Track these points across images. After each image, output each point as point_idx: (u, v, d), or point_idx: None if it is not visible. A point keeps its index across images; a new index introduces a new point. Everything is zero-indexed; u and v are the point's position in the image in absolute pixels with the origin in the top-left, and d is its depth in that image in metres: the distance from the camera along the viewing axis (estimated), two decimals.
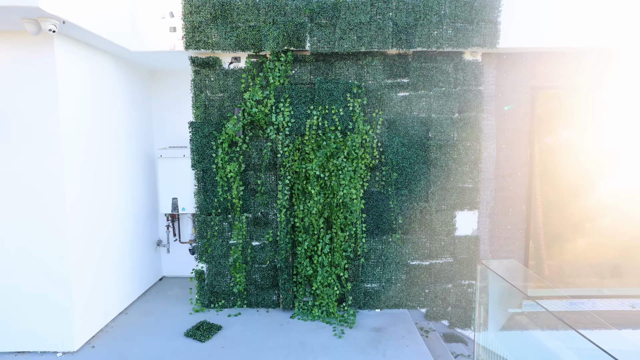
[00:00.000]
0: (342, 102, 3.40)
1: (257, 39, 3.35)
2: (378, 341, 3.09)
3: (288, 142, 3.39)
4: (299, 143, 3.42)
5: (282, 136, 3.41)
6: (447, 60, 3.50)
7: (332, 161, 3.30)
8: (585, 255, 3.82)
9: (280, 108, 3.41)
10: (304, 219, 3.42)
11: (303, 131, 3.42)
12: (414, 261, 3.63)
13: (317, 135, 3.41)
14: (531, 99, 3.65)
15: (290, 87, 3.42)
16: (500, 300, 3.26)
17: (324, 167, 3.32)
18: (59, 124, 2.82)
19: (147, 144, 4.22)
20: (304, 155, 3.41)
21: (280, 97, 3.41)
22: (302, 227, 3.44)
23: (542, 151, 3.74)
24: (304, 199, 3.40)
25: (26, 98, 2.79)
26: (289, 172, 3.40)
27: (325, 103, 3.40)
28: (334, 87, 3.39)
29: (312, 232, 3.42)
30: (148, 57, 3.67)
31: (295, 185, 3.43)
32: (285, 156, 3.40)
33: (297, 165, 3.37)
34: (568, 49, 3.51)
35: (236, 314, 3.56)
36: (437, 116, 3.53)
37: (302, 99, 3.42)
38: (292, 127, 3.41)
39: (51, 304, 2.91)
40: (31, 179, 2.85)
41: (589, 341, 1.95)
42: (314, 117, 3.40)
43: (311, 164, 3.28)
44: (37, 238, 2.87)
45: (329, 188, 3.37)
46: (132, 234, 3.84)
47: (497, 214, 3.72)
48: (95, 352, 2.95)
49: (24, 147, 2.82)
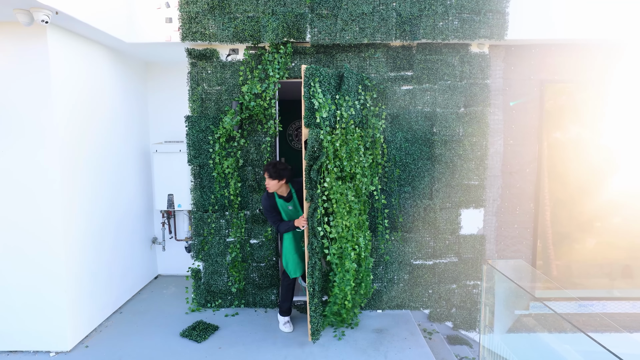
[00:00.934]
0: (356, 95, 3.27)
1: (255, 30, 3.31)
2: (379, 343, 3.06)
3: (323, 136, 2.88)
4: (331, 138, 2.95)
5: (324, 129, 2.91)
6: (452, 53, 3.45)
7: (354, 157, 3.08)
8: (595, 255, 3.77)
9: (313, 94, 2.91)
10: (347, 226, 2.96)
11: (333, 124, 3.03)
12: (417, 261, 3.59)
13: (343, 129, 3.07)
14: (540, 93, 3.60)
15: (319, 69, 2.97)
16: (507, 302, 3.23)
17: (350, 164, 3.08)
18: (52, 117, 2.79)
19: (142, 138, 4.20)
20: (335, 153, 3.01)
21: (311, 80, 2.92)
22: (346, 236, 2.97)
23: (550, 147, 3.69)
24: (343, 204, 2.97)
25: (18, 91, 2.76)
26: (325, 172, 2.90)
27: (349, 93, 3.15)
28: (350, 77, 3.22)
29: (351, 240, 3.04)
30: (143, 49, 3.64)
31: (334, 188, 2.90)
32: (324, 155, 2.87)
33: (332, 164, 2.94)
34: (579, 41, 3.44)
35: (233, 314, 3.54)
36: (442, 111, 3.48)
37: (327, 85, 3.04)
38: (327, 118, 2.93)
39: (44, 303, 2.90)
40: (23, 174, 2.82)
41: (598, 344, 1.92)
42: (342, 108, 3.05)
43: (349, 161, 2.96)
44: (29, 235, 2.85)
45: (356, 187, 3.16)
46: (126, 231, 3.82)
47: (503, 212, 3.67)
48: (89, 352, 2.94)
49: (16, 142, 2.80)
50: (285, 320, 3.30)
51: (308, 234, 2.94)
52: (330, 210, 2.96)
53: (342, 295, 3.04)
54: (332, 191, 2.93)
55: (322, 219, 2.94)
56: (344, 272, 3.00)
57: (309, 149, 2.91)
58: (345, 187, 2.99)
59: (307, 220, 2.94)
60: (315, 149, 2.91)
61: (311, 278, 2.93)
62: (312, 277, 2.93)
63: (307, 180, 2.92)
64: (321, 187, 2.93)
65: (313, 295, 2.94)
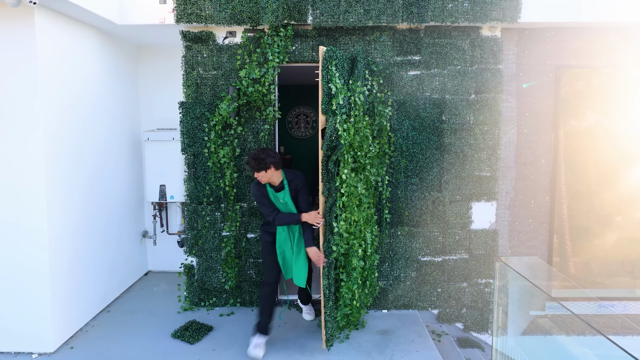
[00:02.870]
0: (363, 81, 3.23)
1: (254, 11, 3.27)
2: (385, 345, 3.00)
3: (345, 125, 2.82)
4: (352, 126, 2.89)
5: (339, 115, 2.83)
6: (462, 36, 3.40)
7: (365, 147, 3.03)
8: (616, 252, 3.70)
9: (331, 78, 2.82)
10: (357, 221, 2.91)
11: (348, 111, 2.96)
12: (426, 257, 3.52)
13: (356, 117, 3.00)
14: (555, 78, 3.55)
15: (335, 53, 2.92)
16: (521, 302, 3.19)
17: (362, 154, 3.02)
18: (39, 103, 2.74)
19: (133, 125, 4.14)
20: (351, 143, 2.92)
21: (329, 63, 2.85)
22: (354, 232, 2.91)
23: (567, 136, 3.63)
24: (354, 196, 2.91)
25: (2, 76, 2.72)
26: (342, 163, 2.82)
27: (357, 79, 3.09)
28: (361, 60, 3.17)
29: (358, 235, 2.97)
30: (136, 31, 3.59)
31: (348, 180, 2.83)
32: (341, 145, 2.79)
33: (347, 154, 2.86)
34: (599, 24, 3.39)
35: (229, 313, 3.47)
36: (452, 97, 3.43)
37: (341, 70, 3.03)
38: (343, 105, 2.86)
39: (26, 301, 2.83)
40: (4, 165, 2.76)
41: (619, 348, 1.88)
42: (355, 95, 3.02)
43: (361, 152, 2.91)
44: (9, 227, 2.79)
45: (365, 178, 3.10)
46: (115, 224, 3.75)
47: (517, 205, 3.61)
48: (74, 353, 2.87)
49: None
50: (257, 342, 2.80)
51: (324, 231, 2.84)
52: (340, 204, 2.88)
53: (349, 295, 2.95)
54: (345, 184, 2.86)
55: (339, 215, 2.84)
56: (351, 269, 2.93)
57: (327, 138, 2.80)
58: (357, 179, 2.92)
59: (324, 216, 2.81)
60: (334, 138, 2.82)
61: (327, 279, 2.80)
62: (328, 279, 2.81)
63: (324, 173, 2.82)
64: (340, 180, 2.83)
65: (328, 298, 2.82)
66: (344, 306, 3.00)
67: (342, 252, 2.89)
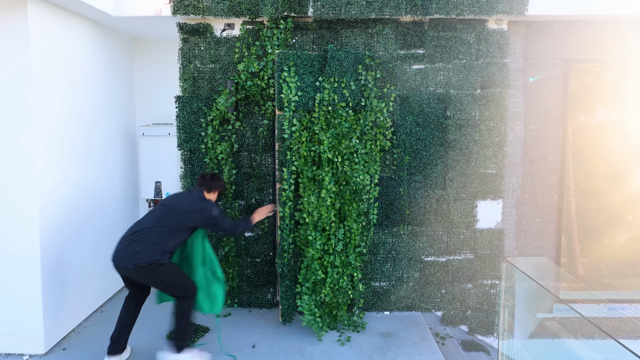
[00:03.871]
0: (353, 75, 3.23)
1: (253, 3, 3.25)
2: (387, 348, 2.98)
3: (295, 121, 3.12)
4: (306, 122, 3.17)
5: (289, 113, 3.15)
6: (468, 29, 3.37)
7: (344, 142, 3.10)
8: (626, 252, 3.68)
9: (285, 78, 3.13)
10: (312, 212, 3.12)
11: (311, 107, 3.20)
12: (429, 257, 3.50)
13: (327, 113, 3.18)
14: (564, 73, 3.53)
15: (296, 54, 3.18)
16: (528, 304, 3.18)
17: (335, 149, 3.12)
18: (32, 97, 2.72)
19: (128, 120, 4.12)
20: (312, 136, 3.17)
21: (284, 64, 3.14)
22: (312, 223, 3.11)
23: (575, 132, 3.61)
24: (314, 189, 3.12)
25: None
26: (295, 156, 3.14)
27: (335, 75, 3.18)
28: (345, 56, 3.19)
29: (322, 227, 3.15)
30: (131, 23, 3.57)
31: (304, 172, 3.10)
32: (291, 137, 3.12)
33: (305, 148, 3.11)
34: (609, 17, 3.36)
35: (226, 314, 3.44)
36: (457, 92, 3.40)
37: (309, 68, 3.19)
38: (298, 102, 3.17)
39: (16, 301, 2.81)
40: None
41: (631, 352, 1.88)
42: (324, 91, 3.17)
43: (322, 146, 3.05)
44: (5, 226, 2.77)
45: (341, 174, 3.16)
46: (109, 221, 3.72)
47: (524, 204, 3.59)
48: (66, 355, 2.85)
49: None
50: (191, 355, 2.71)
51: (279, 217, 3.18)
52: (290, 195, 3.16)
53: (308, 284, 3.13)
54: (301, 175, 3.12)
55: (292, 202, 3.19)
56: (310, 260, 3.10)
57: (278, 131, 3.14)
58: (321, 173, 3.09)
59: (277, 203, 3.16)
60: (285, 131, 3.15)
61: (280, 259, 3.20)
62: (282, 259, 3.20)
63: (278, 162, 3.20)
64: (288, 171, 3.13)
65: (283, 277, 3.20)
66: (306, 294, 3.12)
67: (300, 240, 3.21)
